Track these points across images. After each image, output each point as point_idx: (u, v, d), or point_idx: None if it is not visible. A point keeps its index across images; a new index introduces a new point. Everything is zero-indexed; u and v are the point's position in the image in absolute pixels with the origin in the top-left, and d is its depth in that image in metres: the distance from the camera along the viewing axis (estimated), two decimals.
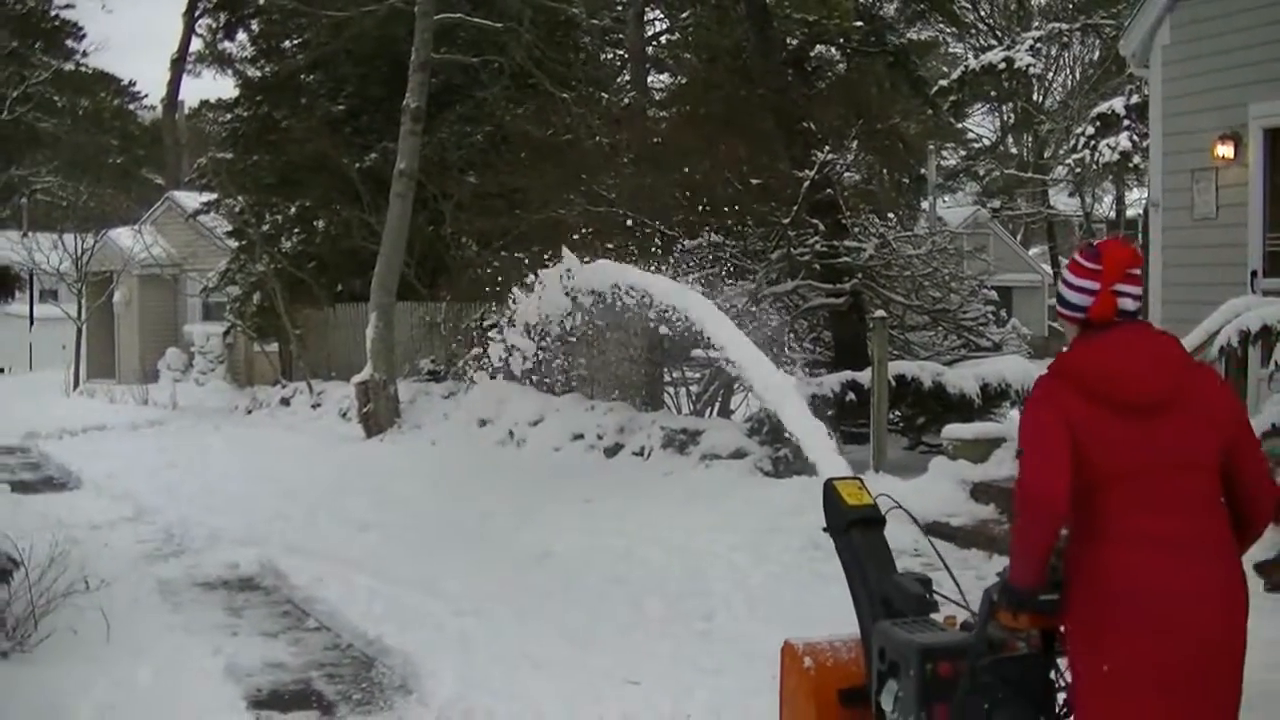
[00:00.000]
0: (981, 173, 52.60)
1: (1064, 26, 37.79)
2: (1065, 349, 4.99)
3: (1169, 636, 4.51)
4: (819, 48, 27.57)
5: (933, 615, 5.73)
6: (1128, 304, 4.80)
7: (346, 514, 15.16)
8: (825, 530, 6.32)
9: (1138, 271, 4.83)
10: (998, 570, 5.17)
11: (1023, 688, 5.22)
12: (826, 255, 18.95)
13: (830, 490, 6.25)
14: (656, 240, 19.52)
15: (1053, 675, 5.22)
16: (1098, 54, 42.26)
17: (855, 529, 6.07)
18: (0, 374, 40.35)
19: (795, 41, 25.27)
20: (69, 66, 61.71)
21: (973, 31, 45.69)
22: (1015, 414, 5.75)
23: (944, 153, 47.41)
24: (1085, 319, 4.83)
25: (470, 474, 17.37)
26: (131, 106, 69.53)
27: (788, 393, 8.29)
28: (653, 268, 18.75)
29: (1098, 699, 4.68)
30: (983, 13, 46.09)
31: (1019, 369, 17.86)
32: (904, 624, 5.63)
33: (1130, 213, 40.46)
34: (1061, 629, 4.99)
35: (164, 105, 58.41)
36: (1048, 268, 48.63)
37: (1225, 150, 13.70)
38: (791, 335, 20.55)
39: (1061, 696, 5.17)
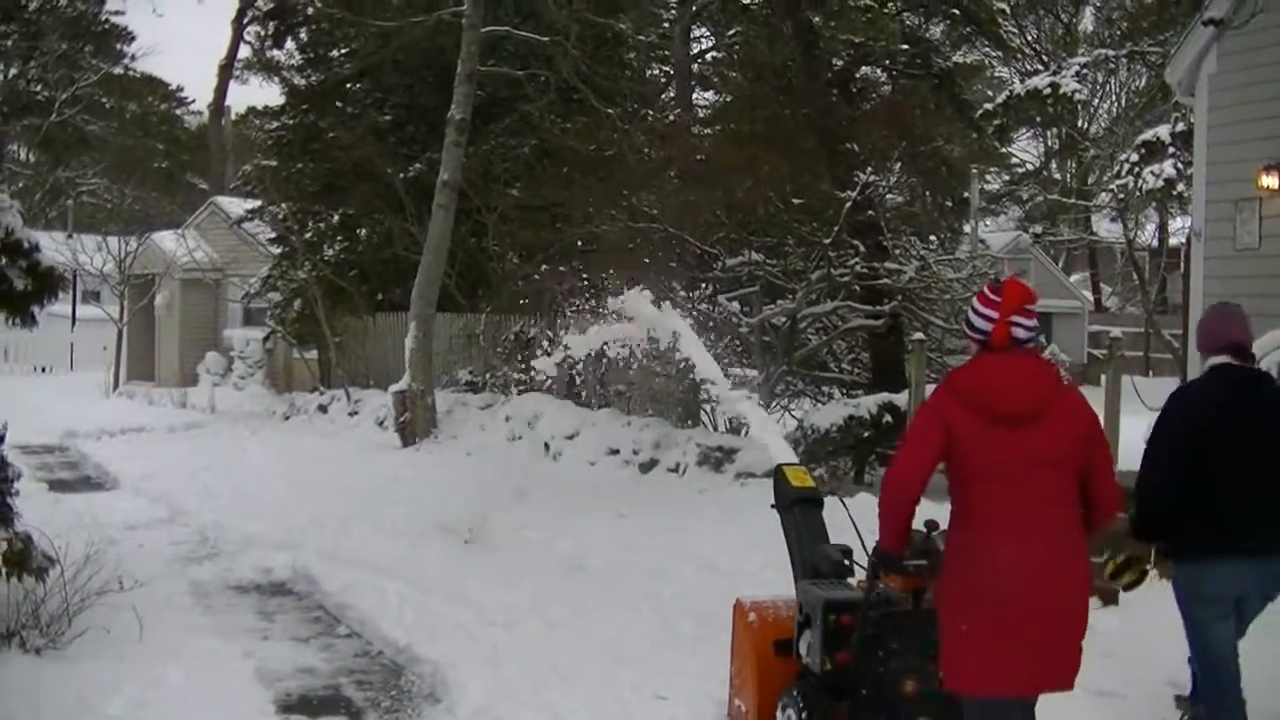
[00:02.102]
0: (1025, 197, 52.44)
1: (1110, 53, 37.60)
2: (961, 366, 6.18)
3: (1010, 604, 5.66)
4: (864, 69, 27.57)
5: (849, 580, 7.13)
6: (1020, 333, 5.89)
7: (380, 522, 15.17)
8: (773, 507, 7.94)
9: (1031, 307, 5.89)
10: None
11: (910, 637, 6.57)
12: (867, 277, 18.92)
13: (779, 474, 7.90)
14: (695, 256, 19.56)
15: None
16: (1144, 81, 42.15)
17: (797, 506, 7.70)
18: (41, 373, 40.51)
19: (841, 62, 25.26)
20: (118, 70, 62.13)
21: (1019, 56, 45.55)
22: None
23: (987, 176, 47.30)
24: (985, 341, 5.93)
25: (505, 485, 17.39)
26: (178, 111, 70.04)
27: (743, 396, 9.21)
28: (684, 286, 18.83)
29: (958, 652, 5.85)
30: (1029, 37, 46.01)
31: None
32: (820, 584, 7.05)
33: (1173, 241, 40.27)
34: (928, 590, 6.40)
35: (210, 111, 58.77)
36: (1088, 294, 48.50)
37: (1270, 181, 13.65)
38: (829, 356, 20.55)
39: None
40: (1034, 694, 5.93)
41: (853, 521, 7.41)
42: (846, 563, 7.20)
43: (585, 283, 23.01)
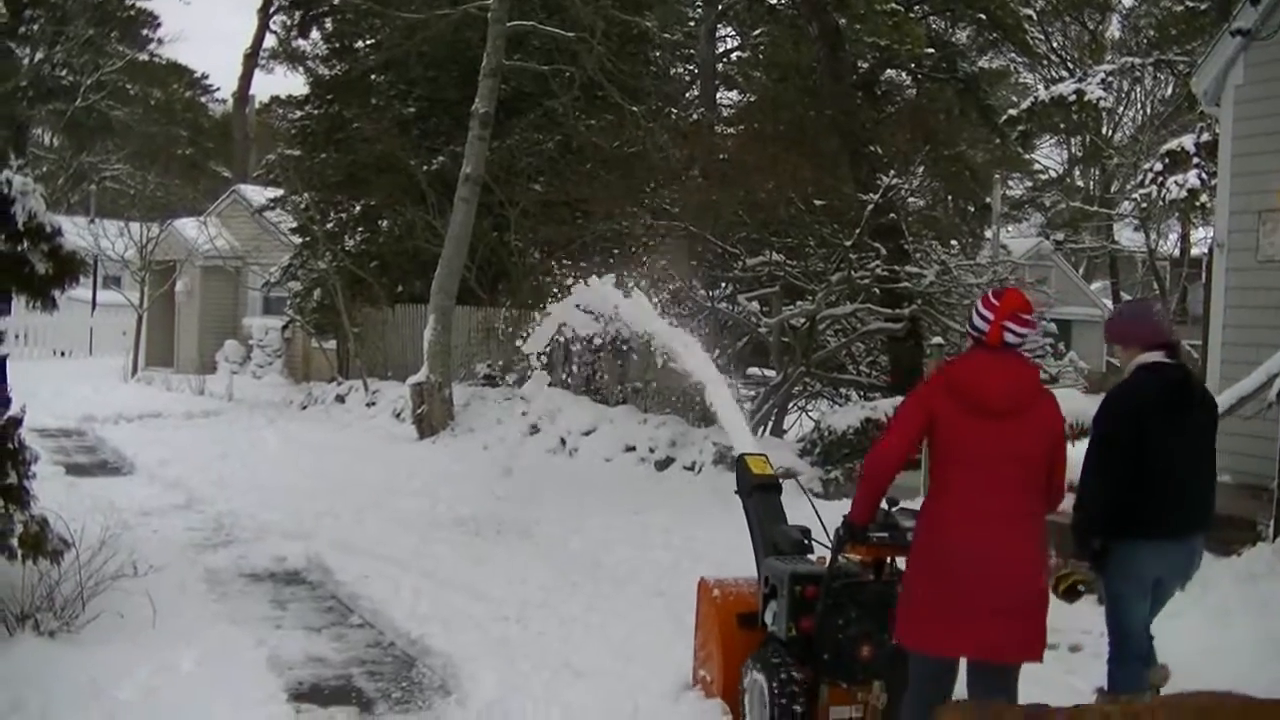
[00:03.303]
0: (1047, 204, 52.28)
1: (1136, 61, 37.49)
2: (956, 358, 7.08)
3: (963, 578, 6.32)
4: (889, 72, 27.59)
5: (809, 556, 7.85)
6: (1011, 337, 6.53)
7: (395, 513, 15.20)
8: (736, 493, 8.65)
9: (1026, 316, 6.55)
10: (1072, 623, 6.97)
11: (866, 607, 7.24)
12: (887, 280, 18.89)
13: (742, 461, 8.56)
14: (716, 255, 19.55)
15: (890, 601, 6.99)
16: (1170, 90, 42.01)
17: (758, 491, 8.37)
18: (60, 358, 40.56)
19: (866, 65, 25.26)
20: (143, 57, 62.26)
21: (1044, 62, 45.41)
22: (1070, 448, 6.96)
23: (1010, 182, 47.18)
24: (981, 339, 6.57)
25: (521, 480, 17.41)
26: (203, 99, 70.19)
27: (718, 381, 9.46)
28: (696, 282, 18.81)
29: (910, 610, 6.55)
30: (1055, 44, 45.84)
31: (1073, 403, 17.73)
32: (784, 559, 7.73)
33: (1195, 251, 40.13)
34: (888, 560, 7.33)
35: (235, 99, 58.87)
36: (1109, 302, 48.31)
37: None
38: (848, 358, 20.52)
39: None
40: (993, 659, 6.50)
41: (814, 506, 8.18)
42: (805, 541, 7.95)
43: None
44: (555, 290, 19.28)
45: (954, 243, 24.94)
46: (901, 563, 7.16)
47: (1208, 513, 7.50)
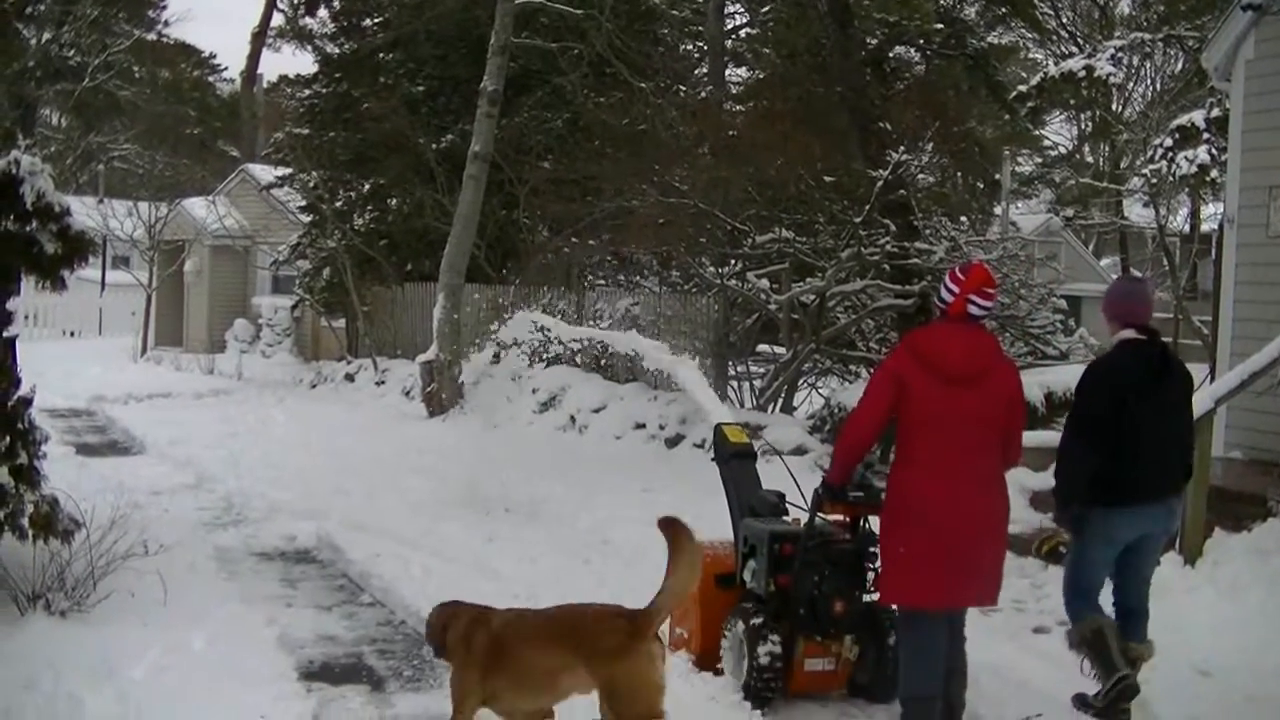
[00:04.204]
0: (1056, 180, 52.17)
1: (1146, 36, 37.29)
2: (921, 328, 8.00)
3: (939, 533, 6.96)
4: (898, 48, 27.49)
5: (784, 518, 8.45)
6: (974, 309, 7.19)
7: (406, 492, 15.22)
8: (713, 460, 9.39)
9: (990, 290, 7.25)
10: (1056, 581, 7.82)
11: (841, 566, 7.91)
12: (897, 256, 18.84)
13: (719, 431, 9.32)
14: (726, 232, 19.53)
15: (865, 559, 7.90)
16: (1180, 65, 41.80)
17: (734, 459, 8.99)
18: (70, 338, 40.57)
19: (875, 41, 25.17)
20: (150, 36, 62.04)
21: (1054, 38, 45.30)
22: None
23: (1019, 159, 47.10)
24: (946, 310, 7.22)
25: (530, 458, 17.40)
26: (211, 78, 69.98)
27: (686, 364, 9.85)
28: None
29: (895, 571, 7.18)
30: (1065, 20, 45.73)
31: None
32: (761, 520, 8.35)
33: (1205, 227, 39.99)
34: (863, 520, 7.96)
35: (243, 78, 58.79)
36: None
37: None
38: (857, 335, 20.48)
39: (870, 575, 7.87)
40: (958, 606, 7.29)
41: (789, 470, 9.03)
42: (780, 504, 8.57)
43: (613, 258, 23.02)
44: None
45: (963, 219, 24.91)
46: (875, 522, 7.74)
47: (1182, 478, 8.09)
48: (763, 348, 21.98)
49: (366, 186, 29.83)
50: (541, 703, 7.00)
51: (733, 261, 19.88)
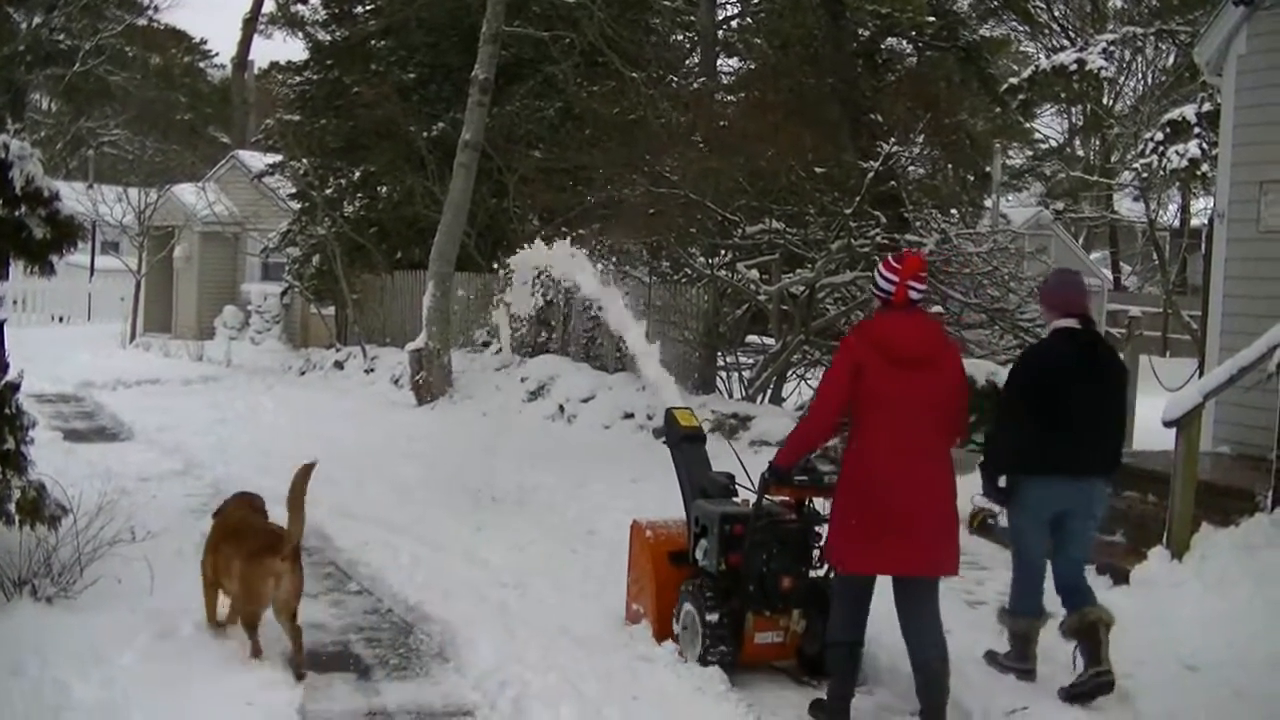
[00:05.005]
0: (1047, 173, 52.18)
1: (1138, 30, 37.37)
2: (868, 318, 8.32)
3: (889, 506, 7.32)
4: (890, 40, 27.51)
5: (734, 499, 8.88)
6: (914, 294, 7.54)
7: (394, 480, 15.20)
8: (664, 443, 9.78)
9: (924, 275, 7.61)
10: None
11: (789, 545, 8.39)
12: (887, 248, 18.82)
13: (670, 415, 9.76)
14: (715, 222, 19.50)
15: (810, 540, 8.43)
16: (1171, 60, 41.84)
17: (685, 442, 9.47)
18: (59, 323, 40.50)
19: (867, 33, 25.20)
20: (141, 21, 62.01)
21: (1046, 31, 45.34)
22: None
23: (1010, 152, 47.08)
24: (888, 299, 7.56)
25: (519, 446, 17.38)
26: (202, 64, 69.97)
27: (650, 352, 10.08)
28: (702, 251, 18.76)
29: (845, 540, 7.50)
30: (1056, 13, 45.74)
31: None
32: (712, 501, 8.77)
33: (1195, 222, 40.03)
34: (808, 501, 8.45)
35: (234, 65, 58.78)
36: (1108, 272, 48.24)
37: None
38: (847, 326, 20.48)
39: (815, 553, 8.42)
40: (911, 575, 7.51)
41: (737, 455, 9.67)
42: (730, 486, 8.99)
43: (603, 246, 22.98)
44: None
45: (954, 211, 24.87)
46: (819, 504, 8.41)
47: (1109, 460, 8.42)
48: (752, 338, 21.99)
49: (357, 174, 29.76)
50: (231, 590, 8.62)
51: (723, 252, 19.87)
